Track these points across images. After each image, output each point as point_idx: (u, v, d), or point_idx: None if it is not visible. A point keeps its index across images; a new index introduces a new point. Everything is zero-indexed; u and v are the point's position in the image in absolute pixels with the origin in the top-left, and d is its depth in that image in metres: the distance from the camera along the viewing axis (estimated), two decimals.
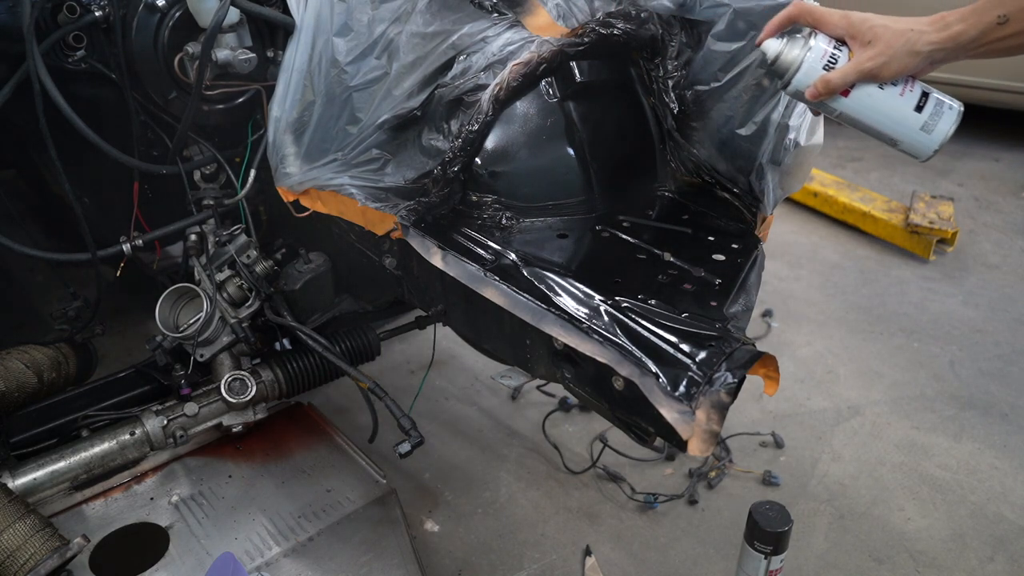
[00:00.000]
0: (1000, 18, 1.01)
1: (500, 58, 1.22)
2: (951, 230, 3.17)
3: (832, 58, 1.11)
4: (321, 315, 1.68)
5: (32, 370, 1.51)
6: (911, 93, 1.11)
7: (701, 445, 0.97)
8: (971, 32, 1.04)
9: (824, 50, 1.12)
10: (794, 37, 1.14)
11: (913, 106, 1.11)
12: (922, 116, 1.11)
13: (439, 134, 1.24)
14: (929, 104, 1.10)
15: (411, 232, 1.26)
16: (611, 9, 1.31)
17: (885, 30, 1.08)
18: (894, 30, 1.08)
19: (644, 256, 1.21)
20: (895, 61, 1.08)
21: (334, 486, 1.53)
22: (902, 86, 1.10)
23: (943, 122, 1.11)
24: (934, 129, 1.11)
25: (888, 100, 1.11)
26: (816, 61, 1.12)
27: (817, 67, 1.12)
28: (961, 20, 1.05)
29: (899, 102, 1.11)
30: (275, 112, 1.35)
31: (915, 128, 1.12)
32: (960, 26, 1.04)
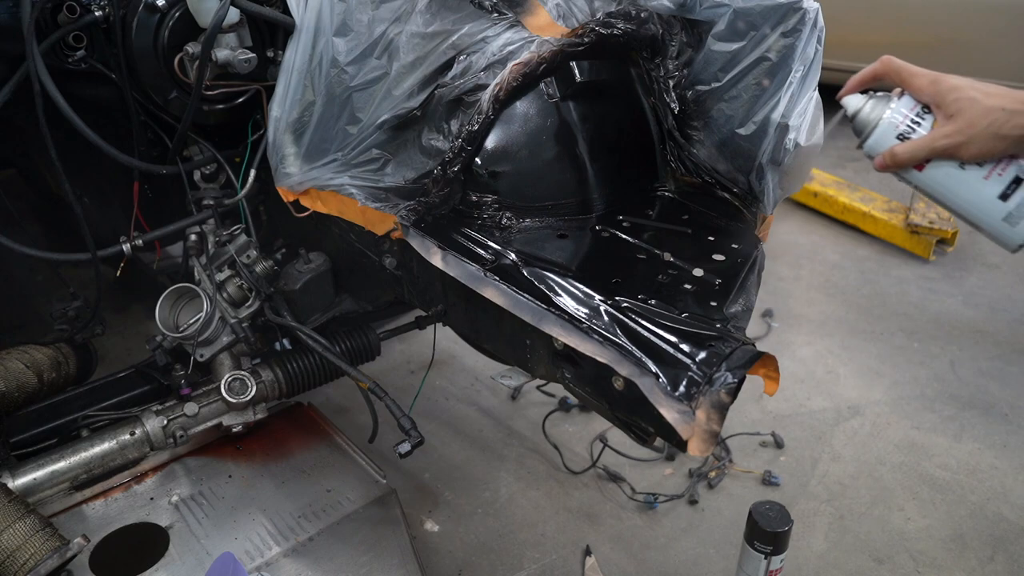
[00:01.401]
0: None
1: (500, 58, 1.22)
2: (951, 230, 3.17)
3: (911, 126, 1.01)
4: (321, 315, 1.68)
5: (32, 370, 1.51)
6: (999, 177, 0.98)
7: (701, 445, 0.97)
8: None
9: (903, 117, 1.02)
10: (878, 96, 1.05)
11: (998, 193, 0.98)
12: (1007, 206, 0.98)
13: (439, 134, 1.24)
14: (1020, 193, 0.97)
15: (411, 232, 1.26)
16: (611, 9, 1.31)
17: (972, 105, 0.96)
18: (983, 106, 0.95)
19: (644, 256, 1.21)
20: (975, 143, 0.96)
21: (334, 486, 1.53)
22: (990, 168, 0.98)
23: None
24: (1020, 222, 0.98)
25: (968, 182, 0.99)
26: (890, 128, 1.02)
27: (890, 135, 1.02)
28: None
29: (980, 186, 0.99)
30: (275, 112, 1.35)
31: (997, 217, 1.00)
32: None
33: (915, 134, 1.02)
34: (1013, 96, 0.95)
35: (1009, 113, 0.94)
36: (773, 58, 1.23)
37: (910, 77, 1.03)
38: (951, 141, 0.98)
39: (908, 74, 1.03)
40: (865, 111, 1.06)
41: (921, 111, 1.02)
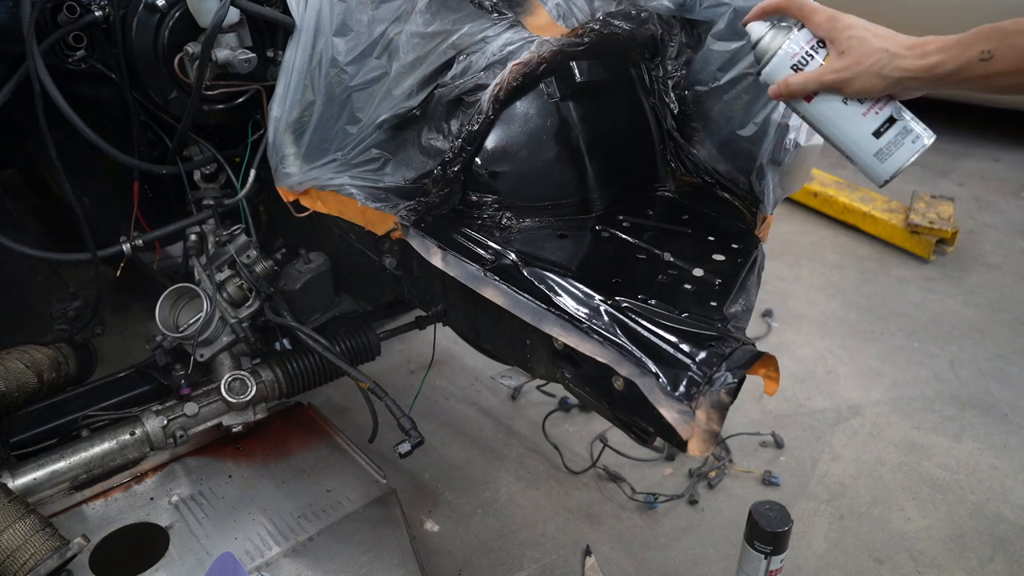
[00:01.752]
0: (984, 54, 0.93)
1: (500, 58, 1.22)
2: (951, 230, 3.17)
3: (804, 59, 1.06)
4: (321, 315, 1.68)
5: (32, 370, 1.51)
6: (875, 116, 1.05)
7: (701, 445, 0.97)
8: (949, 65, 0.96)
9: (799, 49, 1.07)
10: (780, 25, 1.10)
11: (872, 130, 1.05)
12: (879, 142, 1.05)
13: (439, 134, 1.24)
14: (891, 132, 1.04)
15: (411, 232, 1.26)
16: (611, 9, 1.31)
17: (861, 43, 1.01)
18: (870, 46, 1.01)
19: (644, 256, 1.21)
20: (859, 79, 1.02)
21: (334, 486, 1.53)
22: (868, 105, 1.04)
23: (899, 154, 1.05)
24: (887, 159, 1.05)
25: (848, 116, 1.06)
26: (786, 58, 1.07)
27: (786, 65, 1.07)
28: (941, 51, 0.97)
29: (859, 122, 1.05)
30: (275, 112, 1.35)
31: (869, 152, 1.06)
32: (938, 57, 0.97)
33: (808, 67, 1.06)
34: (898, 40, 1.00)
35: (891, 55, 0.99)
36: None
37: (810, 12, 1.07)
38: (838, 76, 1.03)
39: (809, 9, 1.07)
40: (766, 40, 1.10)
41: (816, 45, 1.07)
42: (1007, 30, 0.93)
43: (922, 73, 0.98)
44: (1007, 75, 0.94)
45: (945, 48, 0.96)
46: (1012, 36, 0.92)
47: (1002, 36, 0.93)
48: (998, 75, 0.94)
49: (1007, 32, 0.93)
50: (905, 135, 1.04)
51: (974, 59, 0.94)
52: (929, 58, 0.97)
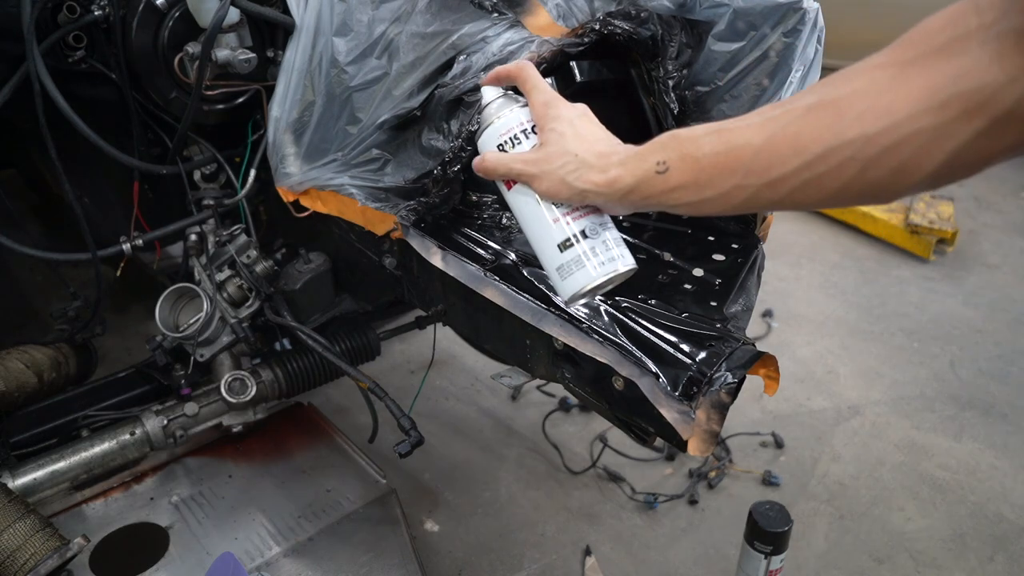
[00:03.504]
0: (660, 165, 0.80)
1: (500, 58, 1.21)
2: (951, 230, 3.18)
3: (515, 139, 0.94)
4: (321, 315, 1.68)
5: (32, 370, 1.51)
6: (566, 226, 0.89)
7: (701, 445, 0.97)
8: (627, 179, 0.82)
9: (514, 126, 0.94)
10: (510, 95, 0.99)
11: (558, 240, 0.90)
12: (562, 257, 0.90)
13: (439, 134, 1.24)
14: (575, 249, 0.89)
15: (411, 232, 1.26)
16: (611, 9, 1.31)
17: (558, 140, 0.88)
18: (563, 147, 0.87)
19: (644, 256, 1.21)
20: (546, 180, 0.88)
21: (334, 486, 1.53)
22: (563, 211, 0.90)
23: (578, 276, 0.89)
24: (567, 277, 0.90)
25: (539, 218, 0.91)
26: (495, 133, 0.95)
27: (493, 140, 0.95)
28: (621, 164, 0.83)
29: (547, 227, 0.91)
30: (275, 112, 1.35)
31: (552, 266, 0.92)
32: (618, 171, 0.83)
33: (513, 150, 0.94)
34: (596, 149, 0.87)
35: (579, 162, 0.86)
36: (773, 58, 1.23)
37: (532, 91, 0.94)
38: (526, 169, 0.90)
39: (531, 87, 0.95)
40: (492, 107, 0.99)
41: (530, 130, 0.94)
42: (681, 137, 0.80)
43: (604, 188, 0.84)
44: (687, 188, 0.79)
45: (625, 161, 0.83)
46: (685, 144, 0.79)
47: (676, 144, 0.80)
48: (678, 189, 0.80)
49: (681, 140, 0.80)
50: (590, 257, 0.89)
51: (651, 172, 0.81)
52: (609, 171, 0.84)
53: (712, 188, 0.78)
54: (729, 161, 0.76)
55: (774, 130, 0.73)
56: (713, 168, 0.77)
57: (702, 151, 0.78)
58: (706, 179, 0.78)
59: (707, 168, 0.78)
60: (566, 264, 0.90)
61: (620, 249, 0.92)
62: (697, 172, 0.78)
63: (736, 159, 0.75)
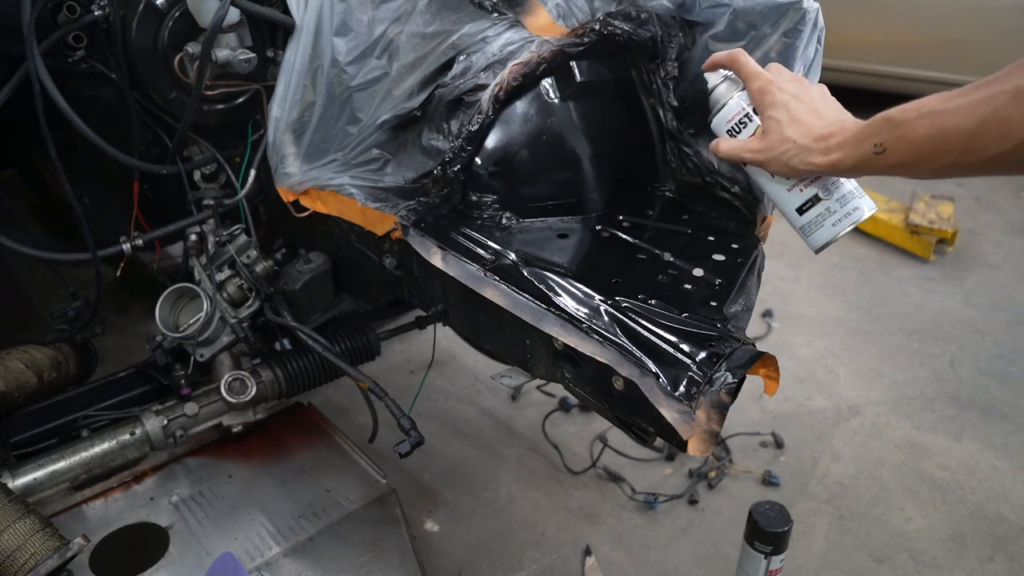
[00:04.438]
0: (877, 147, 0.90)
1: (500, 58, 1.22)
2: (951, 230, 3.18)
3: (740, 123, 1.07)
4: (321, 315, 1.68)
5: (32, 370, 1.51)
6: (799, 193, 1.05)
7: (701, 445, 0.97)
8: (848, 162, 0.95)
9: (739, 111, 1.07)
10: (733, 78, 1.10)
11: (796, 206, 1.06)
12: (802, 219, 1.06)
13: (439, 134, 1.24)
14: (813, 211, 1.05)
15: (411, 232, 1.26)
16: (611, 9, 1.31)
17: (776, 128, 1.01)
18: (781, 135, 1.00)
19: (644, 256, 1.21)
20: (774, 164, 1.02)
21: (334, 486, 1.53)
22: (793, 183, 1.05)
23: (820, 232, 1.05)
24: (811, 235, 1.07)
25: (775, 189, 1.08)
26: (725, 118, 1.09)
27: (723, 125, 1.09)
28: (841, 147, 0.95)
29: (785, 197, 1.07)
30: (275, 112, 1.35)
31: (796, 225, 1.08)
32: (839, 154, 0.95)
33: (741, 134, 1.08)
34: (811, 130, 0.98)
35: (799, 148, 0.98)
36: (774, 58, 1.23)
37: (747, 78, 1.06)
38: (755, 157, 1.04)
39: (746, 74, 1.06)
40: (719, 91, 1.11)
41: (752, 112, 1.07)
42: (895, 120, 0.89)
43: (828, 169, 0.97)
44: (905, 166, 0.90)
45: (844, 144, 0.94)
46: (900, 128, 0.88)
47: (891, 128, 0.89)
48: (897, 166, 0.90)
49: (895, 123, 0.89)
50: (827, 216, 1.04)
51: (869, 153, 0.92)
52: (831, 154, 0.96)
53: (929, 164, 0.88)
54: (944, 143, 0.85)
55: (985, 114, 0.81)
56: (929, 150, 0.87)
57: (916, 134, 0.87)
58: (923, 158, 0.88)
59: (923, 149, 0.87)
60: (807, 224, 1.06)
61: (856, 201, 1.04)
62: (914, 153, 0.88)
63: (951, 141, 0.84)
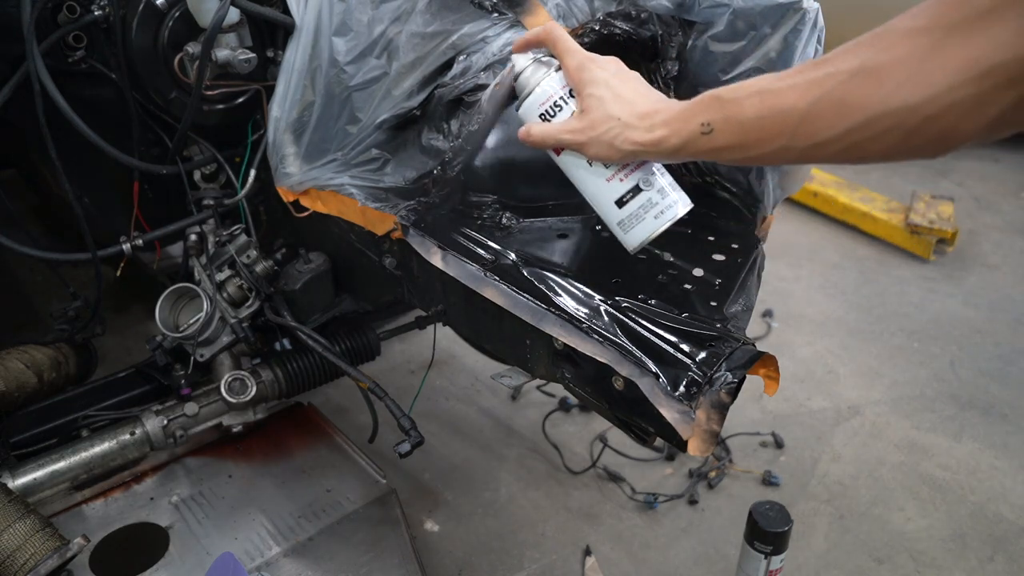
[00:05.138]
0: (704, 127, 0.83)
1: (500, 58, 1.21)
2: (951, 230, 3.17)
3: (556, 106, 0.97)
4: (321, 315, 1.68)
5: (32, 370, 1.51)
6: (619, 183, 0.96)
7: (701, 445, 0.97)
8: (673, 140, 0.86)
9: (552, 93, 0.98)
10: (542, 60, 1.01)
11: (615, 198, 0.96)
12: (622, 212, 0.97)
13: (439, 134, 1.24)
14: (634, 203, 0.96)
15: (411, 232, 1.26)
16: (611, 9, 1.31)
17: (599, 106, 0.91)
18: (605, 112, 0.91)
19: (644, 256, 1.21)
20: (594, 146, 0.92)
21: (334, 486, 1.53)
22: (614, 171, 0.95)
23: (640, 227, 0.97)
24: (630, 230, 0.98)
25: (592, 179, 0.97)
26: (536, 103, 0.99)
27: (534, 110, 0.99)
28: (666, 124, 0.87)
29: (603, 188, 0.97)
30: (275, 112, 1.35)
31: (613, 221, 0.99)
32: (663, 131, 0.87)
33: (555, 118, 0.97)
34: (635, 107, 0.90)
35: (622, 125, 0.90)
36: (773, 58, 1.23)
37: (563, 54, 0.96)
38: (573, 138, 0.94)
39: (562, 50, 0.96)
40: (525, 74, 1.01)
41: (568, 95, 0.97)
42: (724, 99, 0.82)
43: (651, 148, 0.89)
44: (732, 149, 0.83)
45: (669, 121, 0.87)
46: (728, 107, 0.81)
47: (719, 106, 0.82)
48: (724, 149, 0.83)
49: (724, 101, 0.82)
50: (648, 208, 0.96)
51: (696, 132, 0.84)
52: (655, 132, 0.88)
53: (758, 148, 0.81)
54: (774, 125, 0.78)
55: (819, 95, 0.74)
56: (759, 131, 0.80)
57: (745, 115, 0.80)
58: (752, 141, 0.81)
59: (752, 131, 0.80)
60: (626, 219, 0.97)
61: (676, 194, 0.98)
62: (742, 135, 0.81)
63: (781, 123, 0.78)
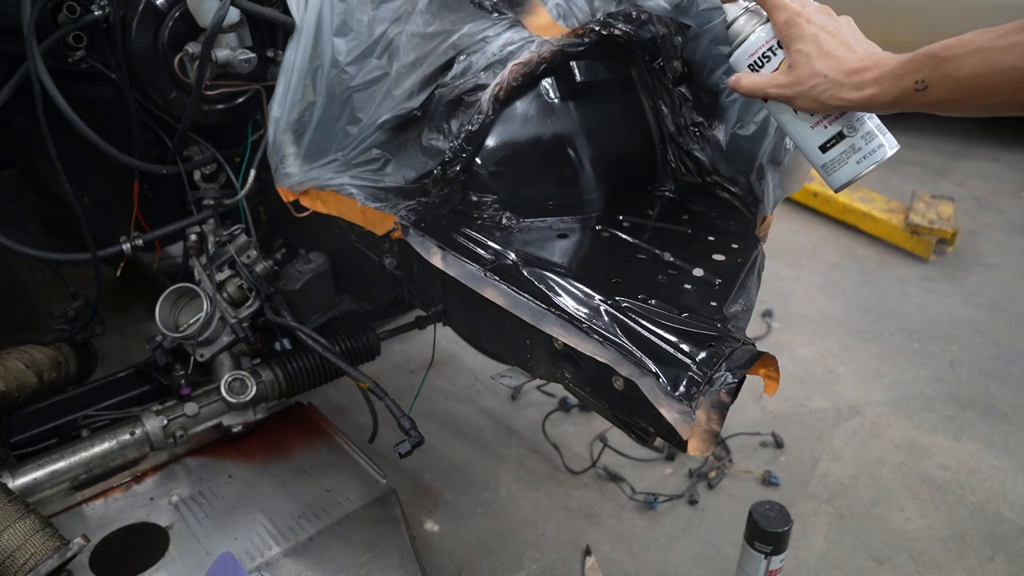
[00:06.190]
0: (918, 84, 0.87)
1: (500, 58, 1.22)
2: (951, 230, 3.17)
3: (763, 58, 1.02)
4: (321, 315, 1.68)
5: (32, 370, 1.51)
6: (823, 130, 1.01)
7: (701, 445, 0.97)
8: (884, 97, 0.90)
9: (762, 44, 1.02)
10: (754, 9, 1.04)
11: (820, 143, 1.02)
12: (825, 157, 1.02)
13: (439, 134, 1.24)
14: (836, 148, 1.01)
15: (411, 232, 1.26)
16: (611, 9, 1.31)
17: (806, 62, 0.95)
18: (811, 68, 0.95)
19: (644, 256, 1.21)
20: (800, 100, 0.97)
21: (334, 486, 1.53)
22: (818, 119, 1.01)
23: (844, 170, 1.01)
24: (833, 173, 1.03)
25: (798, 126, 1.03)
26: (747, 52, 1.03)
27: (744, 59, 1.04)
28: (877, 82, 0.91)
29: (807, 133, 1.02)
30: (275, 112, 1.35)
31: (817, 163, 1.04)
32: (874, 89, 0.91)
33: (764, 68, 1.02)
34: (843, 64, 0.93)
35: (829, 82, 0.93)
36: None
37: (773, 8, 1.00)
38: (780, 92, 0.99)
39: (772, 4, 1.00)
40: (738, 23, 1.05)
41: (776, 45, 1.01)
42: (939, 57, 0.85)
43: (860, 104, 0.93)
44: (947, 104, 0.87)
45: (881, 79, 0.90)
46: (944, 64, 0.85)
47: (935, 64, 0.86)
48: (938, 104, 0.87)
49: (940, 59, 0.85)
50: (852, 153, 1.01)
51: (909, 90, 0.88)
52: (865, 89, 0.92)
53: (975, 102, 0.85)
54: (994, 83, 0.82)
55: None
56: (977, 88, 0.83)
57: (963, 72, 0.83)
58: (969, 96, 0.84)
59: (969, 88, 0.84)
60: (830, 162, 1.02)
61: (881, 138, 1.00)
62: (959, 91, 0.85)
63: (1001, 81, 0.81)
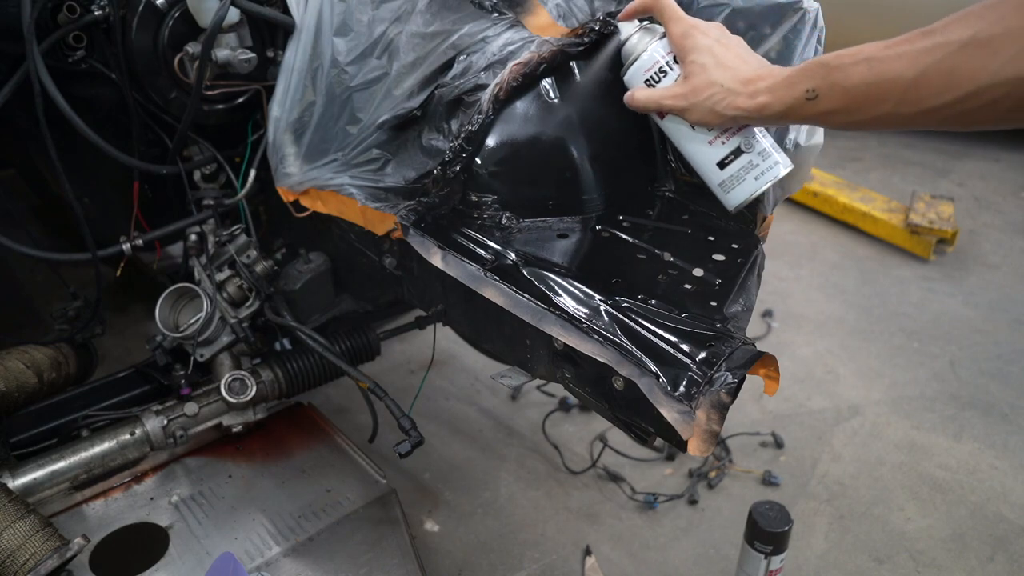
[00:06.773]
0: (808, 93, 0.86)
1: (500, 58, 1.21)
2: (951, 230, 3.17)
3: (660, 72, 1.01)
4: (321, 315, 1.68)
5: (32, 370, 1.51)
6: (721, 145, 1.00)
7: (701, 445, 0.97)
8: (776, 106, 0.90)
9: (657, 60, 1.02)
10: (647, 27, 1.04)
11: (716, 160, 1.01)
12: (723, 174, 1.01)
13: (439, 134, 1.24)
14: (735, 165, 1.00)
15: (411, 232, 1.26)
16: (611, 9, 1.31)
17: (701, 72, 0.95)
18: (707, 78, 0.95)
19: (644, 256, 1.21)
20: (696, 111, 0.97)
21: (334, 486, 1.53)
22: (715, 133, 1.00)
23: (741, 188, 1.01)
24: (731, 191, 1.02)
25: (695, 144, 1.02)
26: (641, 69, 1.03)
27: (639, 76, 1.04)
28: (769, 91, 0.90)
29: (705, 150, 1.01)
30: (275, 112, 1.35)
31: (714, 182, 1.03)
32: (766, 97, 0.90)
33: (660, 83, 1.02)
34: (738, 74, 0.93)
35: (725, 91, 0.93)
36: (773, 58, 1.23)
37: (669, 22, 1.00)
38: (676, 104, 0.98)
39: (668, 18, 1.00)
40: (633, 40, 1.05)
41: (672, 61, 1.01)
42: (830, 66, 0.85)
43: (754, 113, 0.93)
44: (837, 114, 0.86)
45: (773, 88, 0.90)
46: (834, 73, 0.84)
47: (825, 73, 0.85)
48: (828, 114, 0.86)
49: (830, 68, 0.85)
50: (749, 170, 1.00)
51: (800, 99, 0.87)
52: (758, 98, 0.91)
53: (863, 113, 0.84)
54: (880, 92, 0.81)
55: (927, 64, 0.76)
56: (864, 98, 0.82)
57: (851, 80, 0.83)
58: (857, 106, 0.84)
59: (858, 97, 0.83)
60: (728, 179, 1.01)
61: (776, 155, 1.00)
62: (847, 100, 0.84)
63: (887, 90, 0.80)
